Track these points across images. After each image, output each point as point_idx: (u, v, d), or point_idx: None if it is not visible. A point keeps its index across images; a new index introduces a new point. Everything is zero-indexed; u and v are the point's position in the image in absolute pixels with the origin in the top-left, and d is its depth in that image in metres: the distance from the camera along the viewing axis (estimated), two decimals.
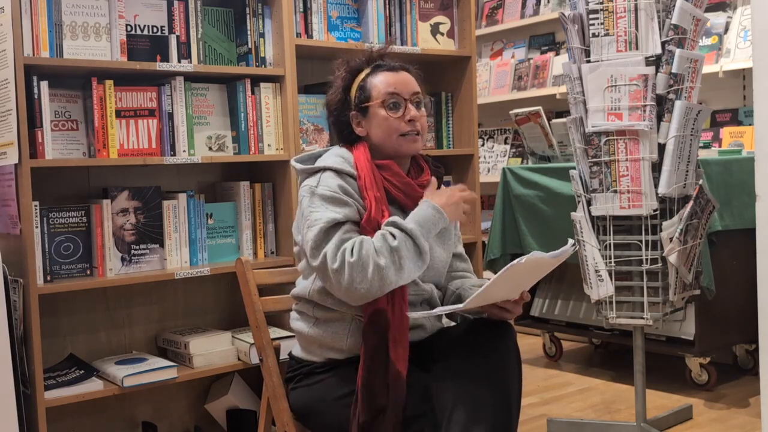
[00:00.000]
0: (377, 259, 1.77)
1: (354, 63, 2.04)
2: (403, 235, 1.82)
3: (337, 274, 1.79)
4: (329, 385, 1.93)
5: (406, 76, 2.00)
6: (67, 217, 2.50)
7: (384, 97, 1.96)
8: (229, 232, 2.83)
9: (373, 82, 1.99)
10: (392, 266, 1.79)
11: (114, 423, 2.73)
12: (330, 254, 1.80)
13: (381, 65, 2.02)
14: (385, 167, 1.95)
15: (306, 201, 1.90)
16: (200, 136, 2.73)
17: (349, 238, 1.83)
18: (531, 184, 3.52)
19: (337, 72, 2.06)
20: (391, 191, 1.94)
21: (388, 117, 1.96)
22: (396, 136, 1.96)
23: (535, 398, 3.33)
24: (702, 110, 2.55)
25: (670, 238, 2.52)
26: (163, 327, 2.84)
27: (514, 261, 1.70)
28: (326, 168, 1.93)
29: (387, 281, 1.79)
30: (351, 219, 1.87)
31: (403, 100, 1.97)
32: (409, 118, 1.96)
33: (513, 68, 4.81)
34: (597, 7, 2.53)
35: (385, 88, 1.97)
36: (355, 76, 2.02)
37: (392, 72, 2.00)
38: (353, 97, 2.01)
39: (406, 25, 3.17)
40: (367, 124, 1.99)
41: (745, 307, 3.08)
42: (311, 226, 1.84)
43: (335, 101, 2.03)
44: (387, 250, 1.79)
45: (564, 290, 3.86)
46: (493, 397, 1.78)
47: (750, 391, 3.26)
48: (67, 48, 2.46)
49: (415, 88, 2.00)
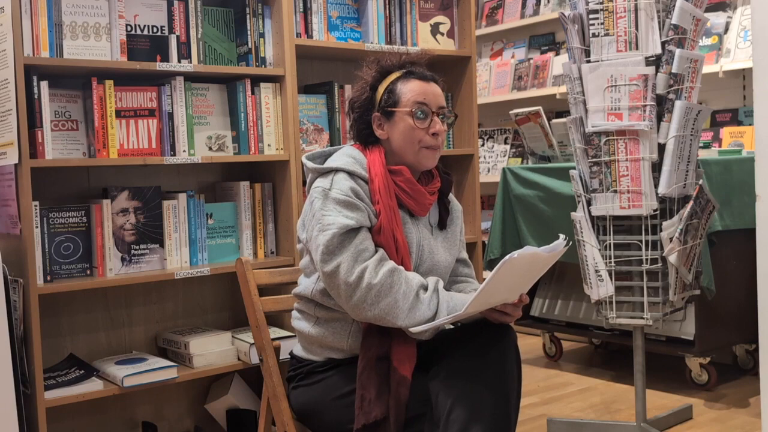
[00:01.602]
0: (398, 297, 1.80)
1: (386, 63, 2.02)
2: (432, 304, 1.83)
3: (351, 289, 1.81)
4: (330, 385, 1.93)
5: (436, 88, 2.00)
6: (67, 217, 2.50)
7: (413, 105, 1.95)
8: (229, 232, 2.83)
9: (403, 88, 1.97)
10: (405, 313, 1.81)
11: (114, 423, 2.73)
12: (346, 265, 1.81)
13: (413, 72, 2.00)
14: (397, 173, 1.95)
15: (319, 203, 1.89)
16: (200, 136, 2.73)
17: (365, 249, 1.84)
18: (531, 184, 3.52)
19: (366, 69, 2.04)
20: (401, 197, 1.94)
21: (414, 127, 1.95)
22: (418, 147, 1.96)
23: (535, 398, 3.33)
24: (702, 110, 2.55)
25: (670, 238, 2.52)
26: (163, 327, 2.84)
27: (506, 257, 1.70)
28: (339, 169, 1.92)
29: (395, 321, 1.81)
30: (363, 225, 1.87)
31: (431, 112, 1.96)
32: (434, 131, 1.96)
33: (513, 68, 4.81)
34: (597, 7, 2.53)
35: (416, 97, 1.96)
36: (384, 77, 2.01)
37: (424, 81, 1.99)
38: (379, 98, 1.99)
39: (406, 25, 3.17)
40: (390, 128, 1.98)
41: (745, 307, 3.08)
42: (324, 230, 1.84)
43: (361, 99, 2.01)
44: (412, 300, 1.81)
45: (564, 290, 3.86)
46: (492, 398, 1.78)
47: (750, 391, 3.26)
48: (67, 48, 2.46)
49: (442, 102, 2.00)
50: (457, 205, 2.16)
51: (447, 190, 2.07)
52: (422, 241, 1.98)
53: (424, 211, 1.99)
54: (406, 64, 2.03)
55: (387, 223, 1.88)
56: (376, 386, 1.82)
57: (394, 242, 1.89)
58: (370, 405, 1.81)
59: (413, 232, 1.96)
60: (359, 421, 1.81)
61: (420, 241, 1.97)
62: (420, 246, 1.97)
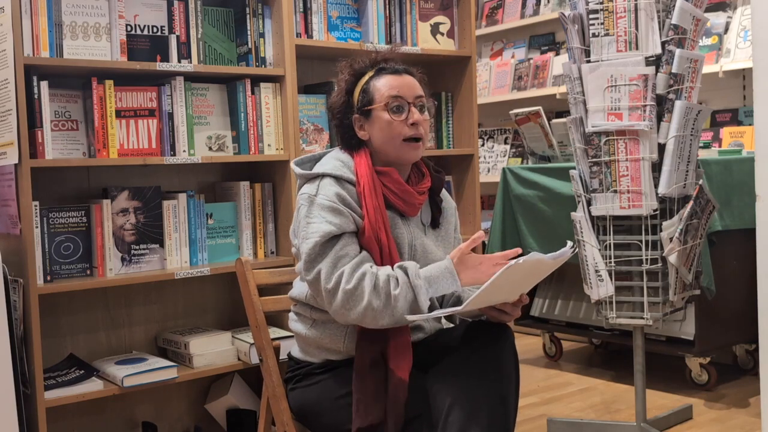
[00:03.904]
0: (372, 298, 1.77)
1: (357, 65, 2.01)
2: (407, 287, 1.80)
3: (330, 295, 1.81)
4: (327, 386, 1.93)
5: (409, 79, 1.98)
6: (67, 217, 2.50)
7: (387, 100, 1.94)
8: (229, 232, 2.83)
9: (376, 85, 1.96)
10: (385, 311, 1.79)
11: (114, 423, 2.73)
12: (325, 273, 1.81)
13: (384, 68, 1.99)
14: (385, 174, 1.94)
15: (304, 210, 1.89)
16: (200, 136, 2.73)
17: (345, 254, 1.83)
18: (531, 184, 3.52)
19: (340, 74, 2.03)
20: (389, 198, 1.93)
21: (391, 120, 1.93)
22: (399, 141, 1.94)
23: (535, 398, 3.33)
24: (702, 110, 2.55)
25: (670, 238, 2.52)
26: (163, 327, 2.84)
27: (511, 262, 1.70)
28: (325, 174, 1.92)
29: (377, 322, 1.80)
30: (347, 231, 1.86)
31: (407, 103, 1.94)
32: (412, 121, 1.94)
33: (513, 68, 4.81)
34: (597, 7, 2.53)
35: (389, 91, 1.94)
36: (358, 79, 2.00)
37: (396, 75, 1.97)
38: (356, 100, 1.98)
39: (406, 25, 3.17)
40: (370, 127, 1.97)
41: (745, 307, 3.08)
42: (307, 238, 1.84)
43: (338, 104, 2.01)
44: (385, 295, 1.78)
45: (564, 290, 3.86)
46: (490, 398, 1.78)
47: (750, 391, 3.26)
48: (67, 48, 2.46)
49: (418, 92, 1.98)
50: (450, 203, 2.14)
51: (438, 188, 2.06)
52: (415, 241, 1.97)
53: (414, 211, 1.98)
54: (378, 62, 2.01)
55: (370, 225, 1.87)
56: (372, 390, 1.82)
57: (377, 244, 1.87)
58: (366, 409, 1.81)
59: (405, 233, 1.96)
60: (356, 424, 1.81)
61: (412, 241, 1.97)
62: (413, 246, 1.97)
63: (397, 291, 1.79)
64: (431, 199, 2.05)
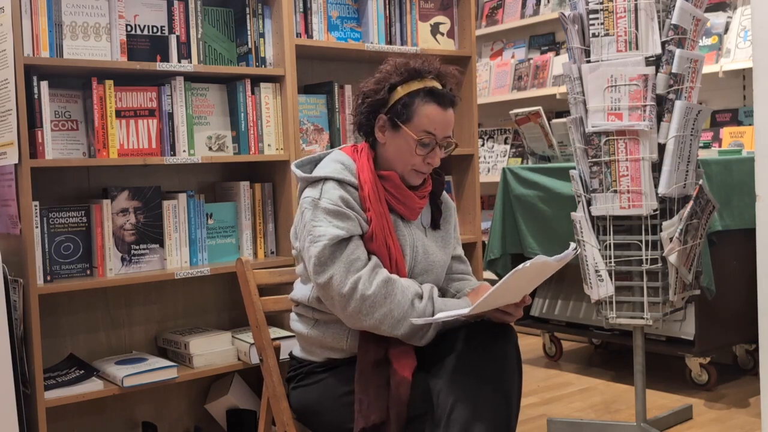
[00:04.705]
0: (393, 307, 1.81)
1: (412, 68, 1.95)
2: (427, 312, 1.85)
3: (344, 299, 1.82)
4: (329, 385, 1.94)
5: (450, 115, 1.96)
6: (67, 217, 2.50)
7: (421, 134, 1.92)
8: (229, 232, 2.83)
9: (419, 110, 1.92)
10: (400, 322, 1.83)
11: (114, 423, 2.73)
12: (339, 276, 1.82)
13: (435, 94, 1.94)
14: (386, 178, 1.95)
15: (309, 214, 1.88)
16: (200, 136, 2.73)
17: (356, 258, 1.84)
18: (531, 184, 3.52)
19: (390, 65, 1.98)
20: (391, 202, 1.94)
21: (413, 151, 1.93)
22: (409, 168, 1.95)
23: (535, 398, 3.33)
24: (702, 110, 2.55)
25: (670, 238, 2.52)
26: (163, 327, 2.84)
27: (519, 266, 1.71)
28: (328, 178, 1.92)
29: (389, 330, 1.83)
30: (354, 234, 1.87)
31: (435, 143, 1.94)
32: (429, 161, 1.95)
33: (513, 68, 4.81)
34: (597, 7, 2.53)
35: (427, 125, 1.92)
36: (406, 82, 1.95)
37: (442, 109, 1.94)
38: (393, 101, 1.94)
39: (406, 25, 3.17)
40: (391, 138, 1.95)
41: (745, 307, 3.08)
42: (315, 241, 1.85)
43: (376, 95, 1.96)
44: (407, 309, 1.83)
45: (564, 290, 3.86)
46: (493, 397, 1.78)
47: (750, 391, 3.26)
48: (67, 48, 2.46)
49: (449, 131, 1.97)
50: (450, 203, 2.15)
51: (439, 191, 2.07)
52: (416, 243, 1.98)
53: (415, 214, 2.00)
54: (433, 74, 1.96)
55: (379, 230, 1.88)
56: (374, 390, 1.83)
57: (386, 249, 1.89)
58: (368, 408, 1.81)
59: (406, 235, 1.96)
60: (358, 424, 1.81)
61: (414, 243, 1.98)
62: (414, 248, 1.97)
63: (416, 311, 1.83)
64: (431, 202, 2.06)
